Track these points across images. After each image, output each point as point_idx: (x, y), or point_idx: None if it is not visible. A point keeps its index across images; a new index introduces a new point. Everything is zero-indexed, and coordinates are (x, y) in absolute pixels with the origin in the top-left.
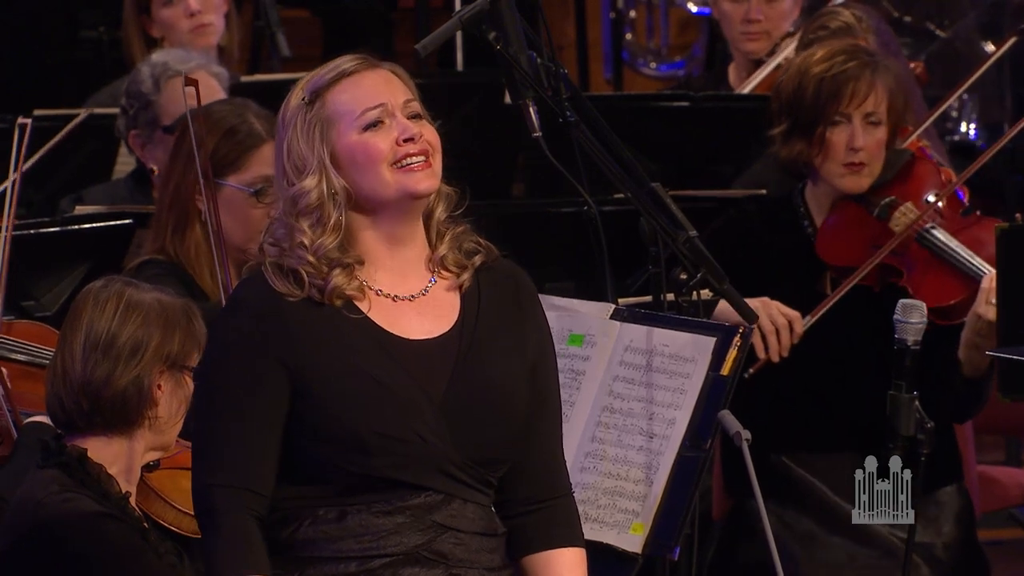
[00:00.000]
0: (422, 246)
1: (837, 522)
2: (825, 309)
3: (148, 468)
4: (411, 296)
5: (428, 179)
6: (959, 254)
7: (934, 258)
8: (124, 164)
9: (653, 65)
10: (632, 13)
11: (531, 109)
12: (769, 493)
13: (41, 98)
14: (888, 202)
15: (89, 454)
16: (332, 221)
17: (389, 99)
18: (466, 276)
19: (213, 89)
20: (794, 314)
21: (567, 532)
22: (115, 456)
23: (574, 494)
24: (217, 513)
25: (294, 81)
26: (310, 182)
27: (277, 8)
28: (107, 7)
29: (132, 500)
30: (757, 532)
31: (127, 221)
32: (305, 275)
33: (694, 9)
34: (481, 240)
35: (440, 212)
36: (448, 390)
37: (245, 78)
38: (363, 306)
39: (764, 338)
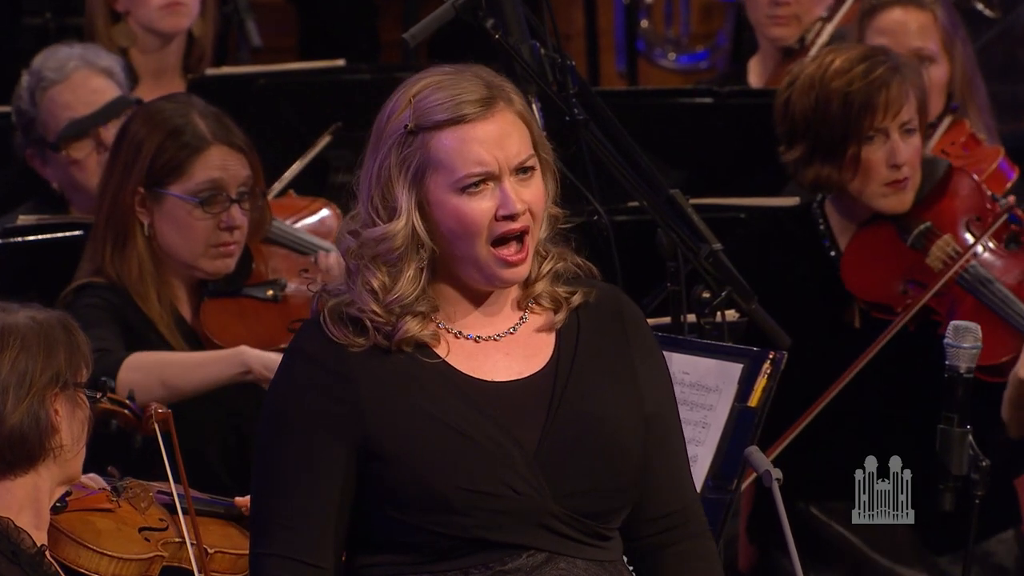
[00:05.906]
0: (516, 287)
1: None
2: None
3: (55, 511)
4: (496, 336)
5: (521, 270)
6: (1009, 306)
7: (980, 306)
8: None
9: (672, 56)
10: None
11: (534, 106)
12: (798, 549)
13: None
14: (923, 230)
15: None
16: (411, 271)
17: (499, 161)
18: (561, 316)
19: (103, 88)
20: None
21: (706, 567)
22: (21, 503)
23: None
24: None
25: (264, 75)
26: (396, 226)
27: None
28: None
29: (47, 554)
30: None
31: (76, 232)
32: (369, 323)
33: None
34: (581, 262)
35: (540, 232)
36: (543, 435)
37: (210, 71)
38: (440, 350)
39: None
